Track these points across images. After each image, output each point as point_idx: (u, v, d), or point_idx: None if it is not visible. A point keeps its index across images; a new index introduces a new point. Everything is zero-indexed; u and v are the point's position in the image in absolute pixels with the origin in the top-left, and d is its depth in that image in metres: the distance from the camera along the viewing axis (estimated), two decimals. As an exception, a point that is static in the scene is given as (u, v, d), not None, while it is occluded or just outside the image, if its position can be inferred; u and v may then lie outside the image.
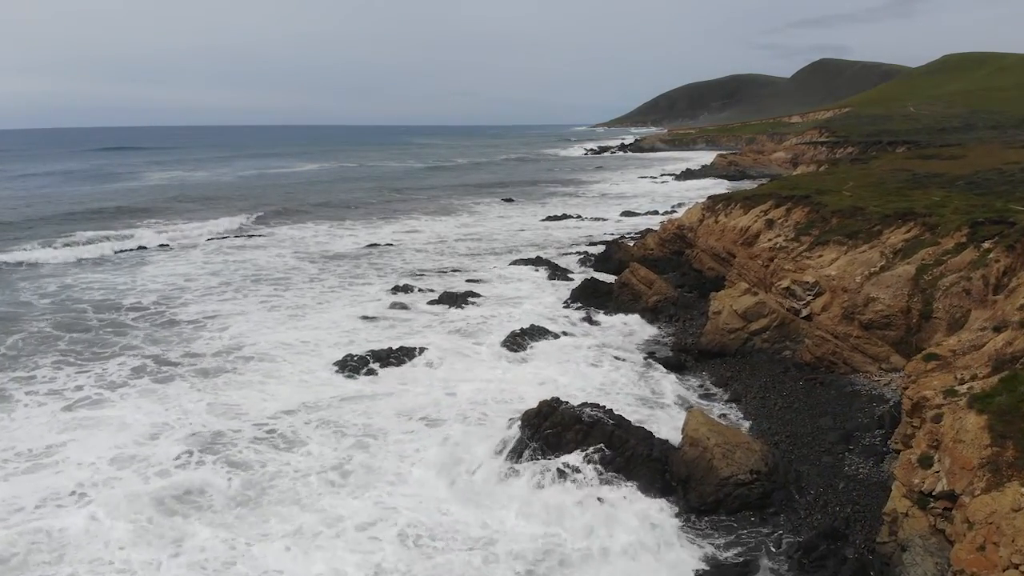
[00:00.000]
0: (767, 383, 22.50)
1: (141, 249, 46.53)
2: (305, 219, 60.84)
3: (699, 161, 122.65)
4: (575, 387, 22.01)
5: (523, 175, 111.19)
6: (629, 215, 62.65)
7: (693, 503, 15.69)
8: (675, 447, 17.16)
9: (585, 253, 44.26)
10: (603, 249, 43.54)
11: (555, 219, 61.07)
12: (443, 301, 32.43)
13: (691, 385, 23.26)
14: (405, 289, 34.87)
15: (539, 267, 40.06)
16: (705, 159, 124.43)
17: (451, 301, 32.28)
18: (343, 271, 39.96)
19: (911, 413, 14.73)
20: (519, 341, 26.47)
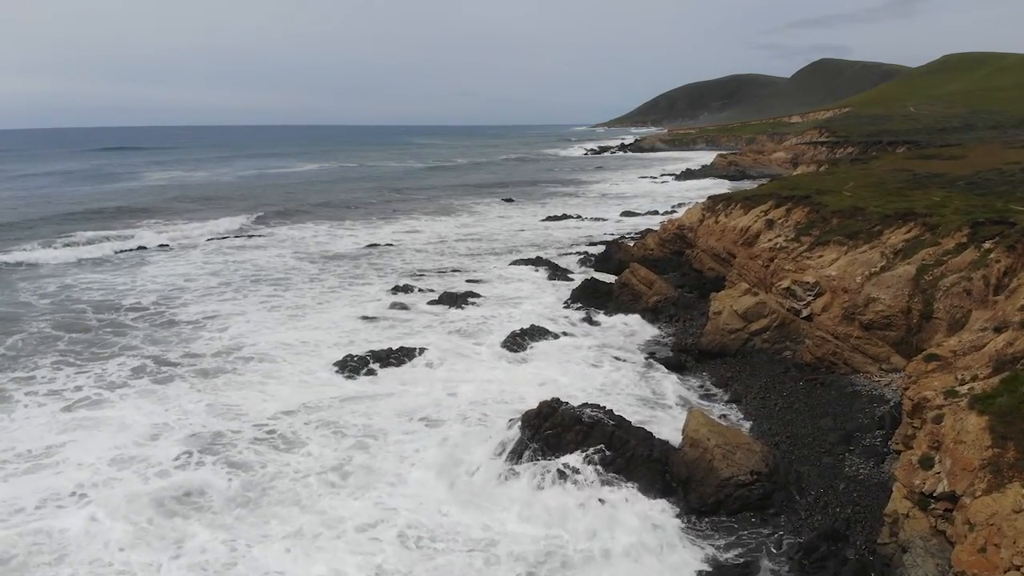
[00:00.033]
0: (767, 383, 22.48)
1: (141, 249, 46.51)
2: (305, 219, 60.85)
3: (699, 161, 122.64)
4: (576, 387, 21.98)
5: (523, 175, 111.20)
6: (629, 215, 62.66)
7: (693, 504, 15.67)
8: (675, 448, 17.14)
9: (585, 253, 44.24)
10: (603, 249, 43.55)
11: (555, 219, 61.08)
12: (443, 301, 32.41)
13: (691, 385, 23.24)
14: (405, 289, 34.85)
15: (539, 267, 40.05)
16: (705, 159, 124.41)
17: (451, 301, 32.26)
18: (343, 271, 39.94)
19: (912, 414, 14.72)
20: (519, 341, 26.45)
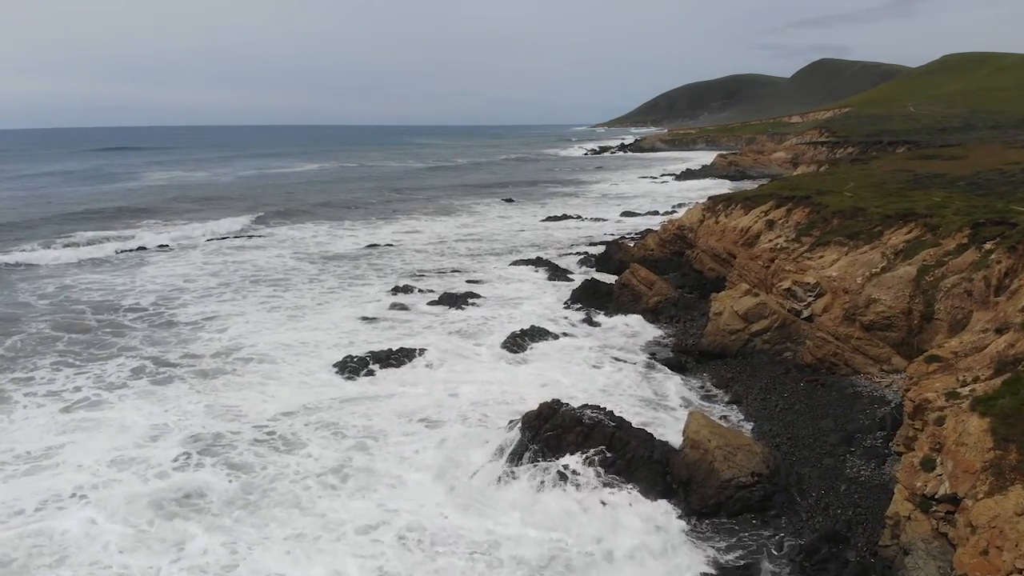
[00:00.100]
0: (768, 384, 22.44)
1: (141, 250, 46.46)
2: (305, 219, 60.83)
3: (699, 161, 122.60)
4: (577, 388, 21.94)
5: (523, 175, 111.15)
6: (629, 215, 62.63)
7: (694, 506, 15.63)
8: (676, 449, 17.10)
9: (585, 254, 44.17)
10: (603, 250, 43.50)
11: (555, 219, 61.04)
12: (443, 302, 32.37)
13: (692, 386, 23.21)
14: (405, 290, 34.81)
15: (539, 268, 40.01)
16: (705, 159, 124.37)
17: (451, 302, 32.22)
18: (343, 272, 39.90)
19: (913, 415, 14.69)
20: (519, 342, 26.41)
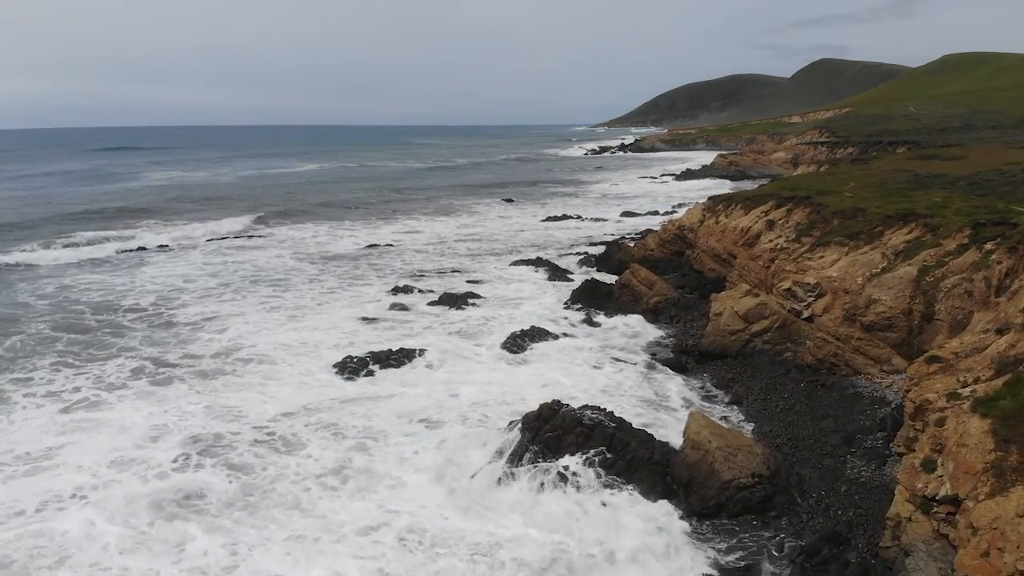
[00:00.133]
0: (768, 385, 22.43)
1: (140, 250, 46.44)
2: (305, 219, 60.81)
3: (699, 161, 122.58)
4: (578, 389, 21.91)
5: (523, 175, 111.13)
6: (629, 215, 62.60)
7: (695, 507, 15.60)
8: (676, 450, 17.07)
9: (585, 254, 44.13)
10: (603, 250, 43.49)
11: (555, 219, 61.02)
12: (443, 302, 32.35)
13: (692, 387, 23.18)
14: (405, 290, 34.79)
15: (539, 268, 39.97)
16: (705, 159, 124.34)
17: (451, 302, 32.19)
18: (343, 272, 39.87)
19: (914, 416, 14.67)
20: (519, 343, 26.39)
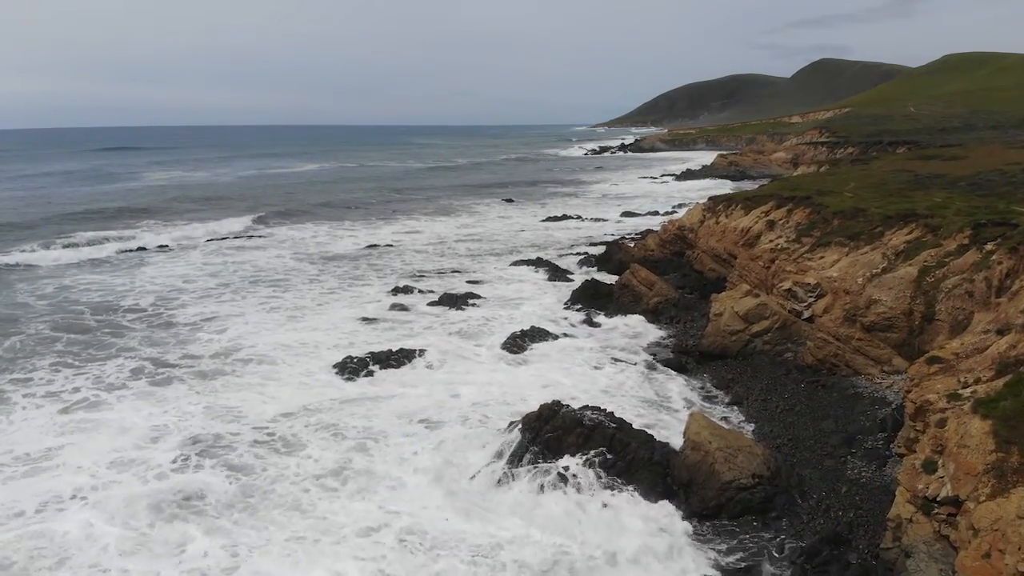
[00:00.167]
0: (769, 385, 22.40)
1: (140, 250, 46.42)
2: (305, 219, 60.81)
3: (699, 161, 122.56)
4: (578, 389, 21.87)
5: (523, 175, 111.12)
6: (629, 216, 62.57)
7: (695, 508, 15.57)
8: (676, 451, 17.05)
9: (585, 254, 44.11)
10: (603, 250, 43.44)
11: (555, 220, 61.01)
12: (443, 302, 32.32)
13: (693, 387, 23.16)
14: (405, 290, 34.77)
15: (539, 268, 39.96)
16: (705, 159, 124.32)
17: (451, 302, 32.17)
18: (343, 272, 39.85)
19: (914, 417, 14.64)
20: (519, 343, 26.37)
